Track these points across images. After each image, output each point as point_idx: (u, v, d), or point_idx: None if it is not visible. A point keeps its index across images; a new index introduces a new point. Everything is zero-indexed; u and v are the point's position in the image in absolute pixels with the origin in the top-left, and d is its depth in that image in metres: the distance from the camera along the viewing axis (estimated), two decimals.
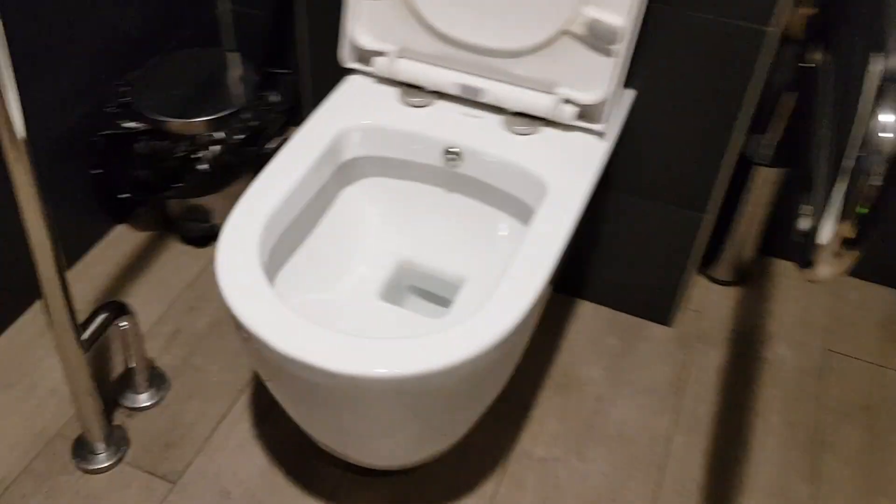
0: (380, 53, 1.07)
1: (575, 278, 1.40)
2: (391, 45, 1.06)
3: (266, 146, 1.38)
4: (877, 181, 0.54)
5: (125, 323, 1.12)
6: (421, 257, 1.14)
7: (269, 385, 0.94)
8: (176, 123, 1.30)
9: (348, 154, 1.06)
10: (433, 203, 1.13)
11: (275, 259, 0.98)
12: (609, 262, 1.36)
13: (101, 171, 1.35)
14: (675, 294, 1.35)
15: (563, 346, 1.35)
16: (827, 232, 0.57)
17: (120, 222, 1.49)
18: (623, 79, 0.99)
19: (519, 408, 1.26)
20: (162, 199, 1.41)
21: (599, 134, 1.04)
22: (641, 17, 0.98)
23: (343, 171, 1.09)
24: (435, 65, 1.06)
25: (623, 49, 0.96)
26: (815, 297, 1.46)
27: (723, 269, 1.47)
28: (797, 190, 0.73)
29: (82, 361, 1.03)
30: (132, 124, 1.31)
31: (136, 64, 1.38)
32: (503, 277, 0.87)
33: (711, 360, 1.35)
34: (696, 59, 1.07)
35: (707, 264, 1.48)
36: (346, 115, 1.05)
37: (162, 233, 1.49)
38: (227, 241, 0.89)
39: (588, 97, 1.00)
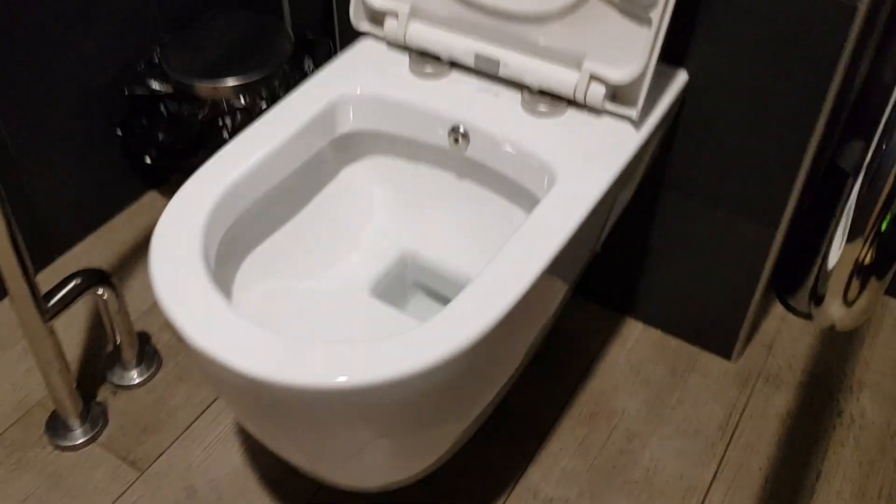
0: (391, 14, 0.93)
1: (624, 292, 1.22)
2: (404, 3, 0.92)
3: None
4: None
5: (103, 292, 1.04)
6: (426, 250, 1.00)
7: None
8: (201, 87, 1.22)
9: (345, 126, 0.93)
10: (444, 190, 0.99)
11: (242, 238, 0.87)
12: (664, 276, 1.16)
13: (123, 132, 1.29)
14: (740, 322, 1.14)
15: (599, 370, 1.17)
16: (835, 254, 0.39)
17: (152, 188, 1.44)
18: (657, 53, 0.81)
19: (533, 434, 1.09)
20: (185, 166, 1.34)
21: (633, 121, 0.86)
22: None
23: (344, 146, 0.96)
24: (450, 30, 0.91)
25: (660, 15, 0.78)
26: None
27: (806, 300, 1.24)
28: None
29: (43, 331, 0.96)
30: (157, 85, 1.24)
31: (176, 24, 1.32)
32: (478, 275, 0.72)
33: (775, 406, 1.13)
34: (766, 37, 0.87)
35: (790, 292, 1.25)
36: (345, 82, 0.92)
37: None
38: (166, 221, 0.78)
39: (618, 74, 0.83)
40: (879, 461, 1.07)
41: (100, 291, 1.04)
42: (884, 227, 0.36)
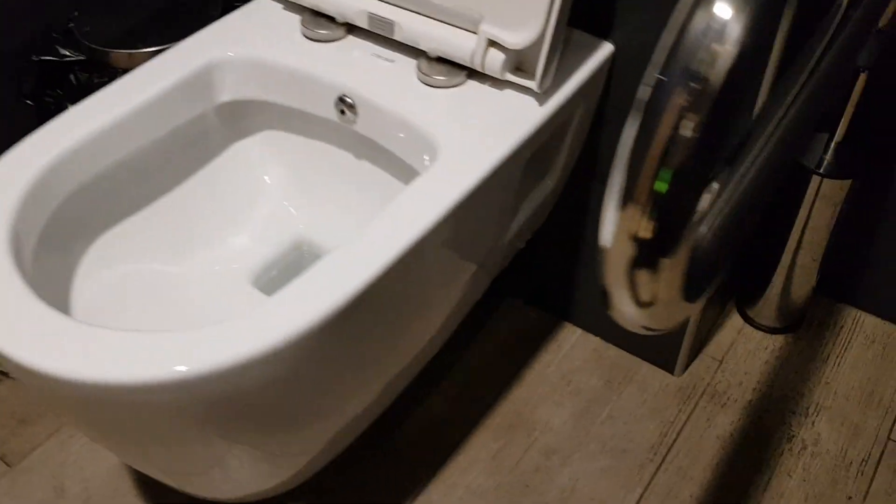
0: None
1: (562, 295, 1.11)
2: None
3: None
4: (689, 125, 0.25)
5: None
6: (322, 237, 0.90)
7: None
8: (116, 55, 1.13)
9: (225, 94, 0.83)
10: (342, 169, 0.89)
11: (88, 217, 0.77)
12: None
13: (35, 103, 1.21)
14: (683, 333, 1.03)
15: (526, 377, 1.06)
16: (609, 224, 0.28)
17: None
18: (556, 14, 0.70)
19: (442, 446, 0.98)
20: None
21: (536, 94, 0.76)
22: None
23: (232, 117, 0.86)
24: None
25: None
26: (891, 366, 1.08)
27: (765, 311, 1.12)
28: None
29: None
30: (68, 53, 1.16)
31: None
32: (332, 251, 0.63)
33: (717, 427, 1.01)
34: None
35: (747, 303, 1.14)
36: (224, 44, 0.83)
37: None
38: None
39: (515, 38, 0.72)
40: (829, 495, 0.95)
41: None
42: (659, 186, 0.25)
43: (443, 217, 0.66)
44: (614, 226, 0.27)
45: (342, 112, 0.79)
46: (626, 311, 0.30)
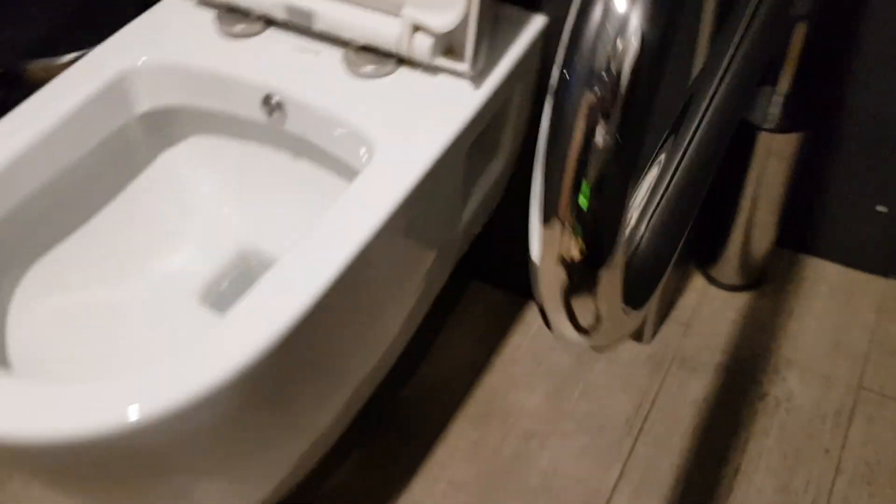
0: None
1: (525, 272, 1.08)
2: None
3: None
4: (607, 134, 0.22)
5: None
6: (269, 244, 0.86)
7: None
8: (32, 69, 1.07)
9: (144, 103, 0.79)
10: (279, 171, 0.85)
11: (14, 245, 0.73)
12: None
13: None
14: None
15: (497, 363, 1.04)
16: (535, 240, 0.25)
17: None
18: None
19: (418, 442, 0.96)
20: None
21: (471, 77, 0.72)
22: None
23: (156, 127, 0.82)
24: None
25: None
26: (856, 313, 1.08)
27: (727, 270, 1.11)
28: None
29: None
30: None
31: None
32: (273, 266, 0.60)
33: (690, 392, 1.00)
34: None
35: (708, 262, 1.12)
36: (136, 50, 0.78)
37: None
38: None
39: (439, 20, 0.69)
40: (806, 449, 0.94)
41: None
42: (581, 200, 0.22)
43: (391, 214, 0.63)
44: (540, 243, 0.24)
45: (270, 113, 0.76)
46: (567, 334, 0.28)
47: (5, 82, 1.09)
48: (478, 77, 0.72)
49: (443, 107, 0.71)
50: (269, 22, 0.79)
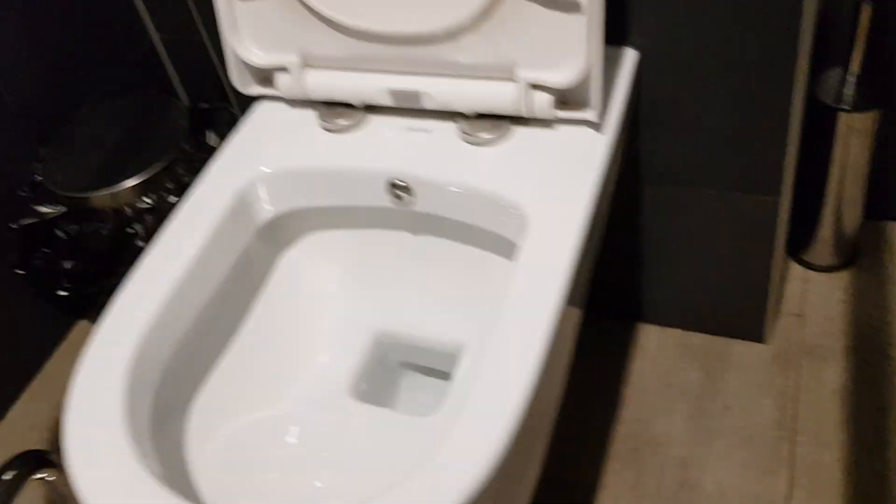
0: (281, 69, 0.79)
1: (629, 298, 1.08)
2: (290, 54, 0.77)
3: None
4: None
5: (46, 475, 0.88)
6: (403, 325, 0.85)
7: None
8: (96, 198, 1.07)
9: (265, 213, 0.78)
10: (401, 252, 0.84)
11: (180, 384, 0.71)
12: (669, 271, 1.03)
13: (26, 271, 1.13)
14: (765, 298, 1.01)
15: (627, 395, 1.03)
16: None
17: (80, 318, 1.28)
18: (599, 40, 0.67)
19: (580, 491, 0.94)
20: (106, 285, 1.18)
21: (594, 124, 0.73)
22: None
23: (271, 234, 0.81)
24: (354, 69, 0.77)
25: None
26: None
27: (822, 251, 1.11)
28: None
29: None
30: (46, 208, 1.09)
31: (50, 131, 1.15)
32: (477, 364, 0.59)
33: (828, 382, 1.00)
34: None
35: (801, 248, 1.13)
36: (248, 162, 0.77)
37: None
38: (79, 388, 0.63)
39: (560, 76, 0.69)
40: None
41: (42, 475, 0.88)
42: None
43: (568, 282, 0.62)
44: None
45: (398, 197, 0.75)
46: None
47: (76, 216, 1.08)
48: (600, 123, 0.73)
49: (576, 159, 0.71)
50: (370, 108, 0.79)
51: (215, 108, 1.17)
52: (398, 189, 0.75)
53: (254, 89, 0.82)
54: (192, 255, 0.70)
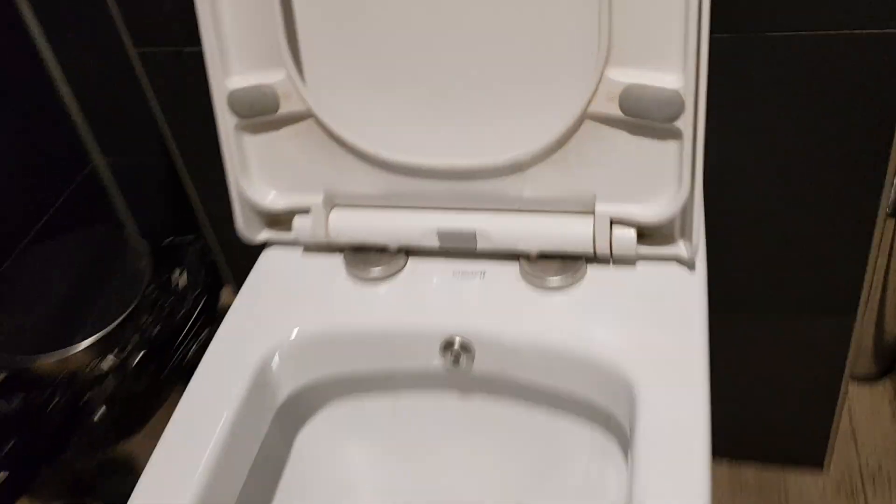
0: (300, 210, 0.66)
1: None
2: (311, 194, 0.65)
3: (185, 346, 0.97)
4: None
5: None
6: (452, 500, 0.71)
7: None
8: (41, 364, 0.90)
9: (286, 388, 0.64)
10: (445, 417, 0.71)
11: None
12: (724, 397, 0.92)
13: None
14: (830, 422, 0.91)
15: None
16: None
17: (19, 496, 1.07)
18: (699, 170, 0.57)
19: None
20: (55, 465, 0.99)
21: (686, 263, 0.62)
22: (706, 61, 0.56)
23: (289, 411, 0.67)
24: (392, 206, 0.65)
25: (691, 121, 0.55)
26: None
27: (863, 362, 1.03)
28: None
29: None
30: None
31: None
32: None
33: None
34: (794, 93, 0.67)
35: None
36: (264, 329, 0.63)
37: (77, 501, 1.06)
38: None
39: (650, 211, 0.59)
40: None
41: None
42: None
43: (706, 462, 0.51)
44: None
45: (455, 360, 0.62)
46: None
47: (18, 384, 0.90)
48: (693, 262, 0.62)
49: (671, 305, 0.60)
50: (410, 251, 0.67)
51: (182, 240, 1.02)
52: (456, 351, 0.62)
53: (261, 235, 0.69)
54: (210, 466, 0.55)
